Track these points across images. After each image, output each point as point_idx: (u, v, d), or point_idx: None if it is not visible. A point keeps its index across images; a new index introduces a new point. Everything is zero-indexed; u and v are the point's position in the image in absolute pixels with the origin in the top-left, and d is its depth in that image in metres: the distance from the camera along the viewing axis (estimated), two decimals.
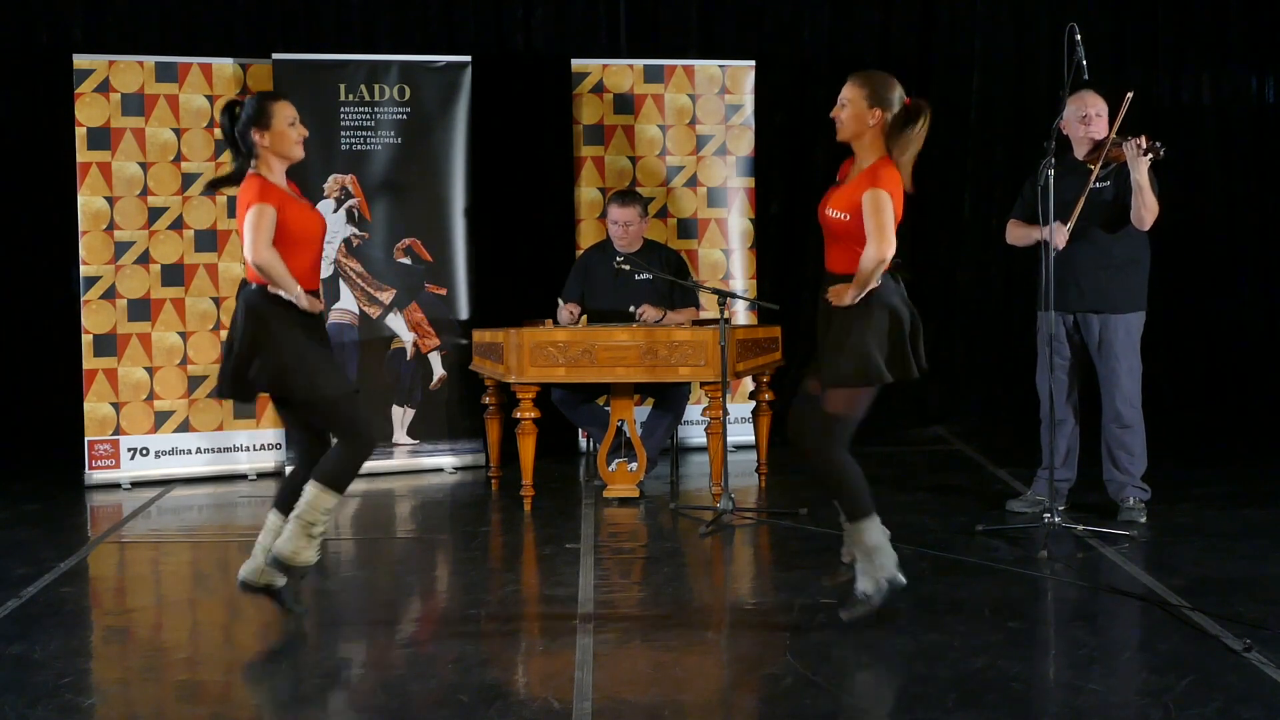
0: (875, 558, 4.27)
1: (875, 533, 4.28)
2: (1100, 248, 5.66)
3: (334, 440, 4.45)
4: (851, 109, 4.30)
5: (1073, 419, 5.83)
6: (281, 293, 4.28)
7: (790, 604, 4.59)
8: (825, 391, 4.26)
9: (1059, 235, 5.49)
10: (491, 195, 7.86)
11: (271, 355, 4.29)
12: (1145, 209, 5.53)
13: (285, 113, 4.39)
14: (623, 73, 7.70)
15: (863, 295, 4.21)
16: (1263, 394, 8.67)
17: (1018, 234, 5.89)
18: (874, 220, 4.17)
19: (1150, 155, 5.42)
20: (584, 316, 6.50)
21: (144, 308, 7.03)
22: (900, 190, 4.27)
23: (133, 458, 7.03)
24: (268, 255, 4.25)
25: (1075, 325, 5.77)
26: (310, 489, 4.33)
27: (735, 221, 7.81)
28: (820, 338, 4.33)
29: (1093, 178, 5.58)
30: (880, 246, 4.16)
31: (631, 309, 6.55)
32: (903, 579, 4.28)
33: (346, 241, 7.09)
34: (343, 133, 7.09)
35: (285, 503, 4.44)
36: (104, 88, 6.97)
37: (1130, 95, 5.52)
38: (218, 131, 7.10)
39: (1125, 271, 5.70)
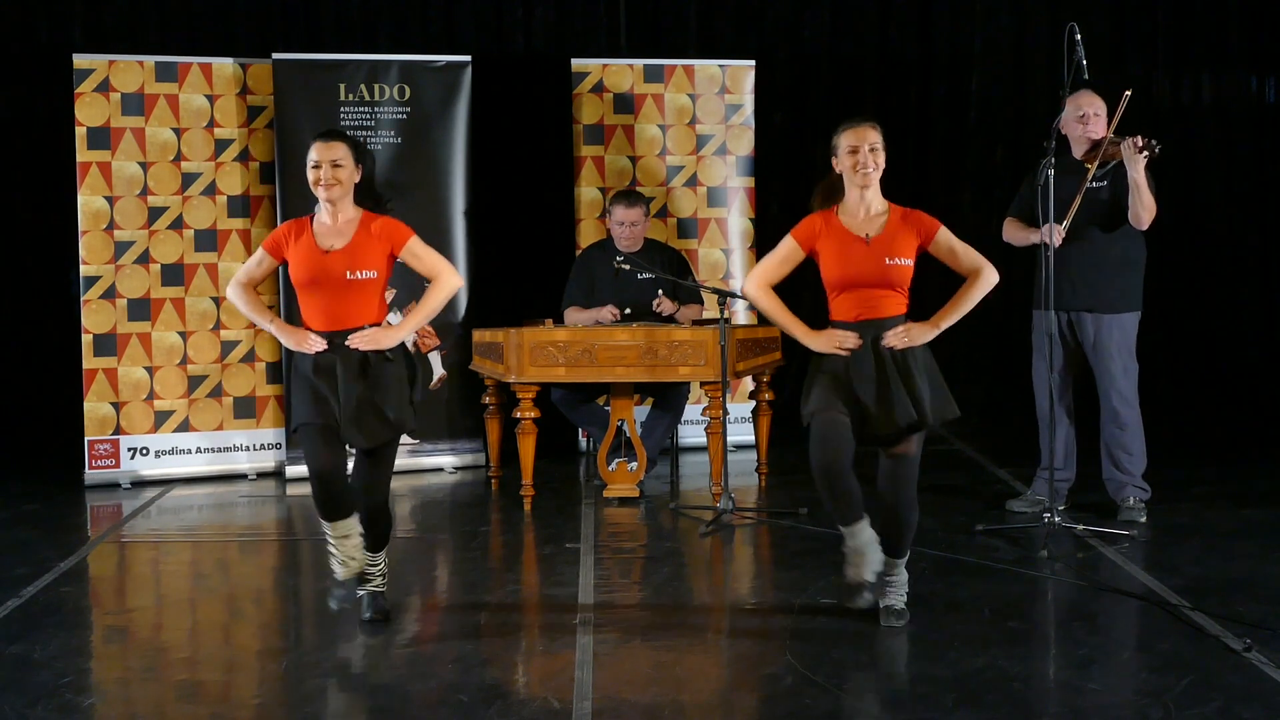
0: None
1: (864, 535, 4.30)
2: (1096, 247, 5.66)
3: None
4: (882, 155, 4.33)
5: (1068, 418, 5.83)
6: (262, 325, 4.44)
7: (790, 604, 4.59)
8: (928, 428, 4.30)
9: (1055, 234, 5.49)
10: (491, 195, 7.86)
11: None
12: (1143, 208, 5.53)
13: (309, 154, 4.31)
14: (623, 73, 7.70)
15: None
16: (1262, 394, 8.67)
17: (1014, 234, 5.88)
18: (963, 248, 4.46)
19: (1146, 154, 5.42)
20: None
21: (144, 307, 7.03)
22: None
23: (133, 457, 7.04)
24: (231, 292, 4.47)
25: (1070, 324, 5.76)
26: None
27: (735, 221, 7.80)
28: (880, 388, 4.23)
29: (1089, 176, 5.59)
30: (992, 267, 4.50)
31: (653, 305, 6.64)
32: (869, 593, 4.25)
33: None
34: None
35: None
36: (104, 87, 6.97)
37: (1129, 93, 5.51)
38: (218, 131, 7.11)
39: (1120, 272, 5.70)
